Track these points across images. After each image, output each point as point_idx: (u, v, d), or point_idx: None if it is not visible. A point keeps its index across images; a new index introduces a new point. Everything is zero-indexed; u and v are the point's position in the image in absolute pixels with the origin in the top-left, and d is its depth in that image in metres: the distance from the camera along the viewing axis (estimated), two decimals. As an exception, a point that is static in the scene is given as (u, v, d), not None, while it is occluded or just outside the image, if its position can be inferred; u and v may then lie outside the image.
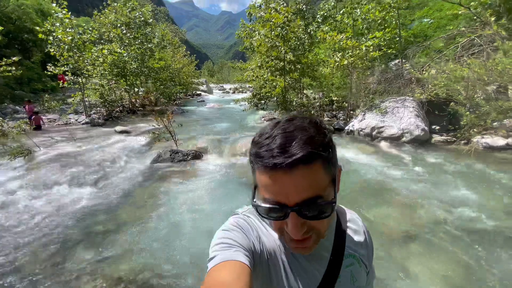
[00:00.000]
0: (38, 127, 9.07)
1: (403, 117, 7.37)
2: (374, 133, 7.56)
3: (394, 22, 10.27)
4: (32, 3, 15.40)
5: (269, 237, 0.64)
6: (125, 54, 12.40)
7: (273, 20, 9.11)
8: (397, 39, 10.24)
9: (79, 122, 10.69)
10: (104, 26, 13.92)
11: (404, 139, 7.06)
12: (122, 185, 4.49)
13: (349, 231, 0.72)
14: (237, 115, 12.53)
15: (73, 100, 11.20)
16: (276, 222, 0.54)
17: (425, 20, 13.98)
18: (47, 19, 10.15)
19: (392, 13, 9.91)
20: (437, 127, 8.07)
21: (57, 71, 10.01)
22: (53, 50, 9.96)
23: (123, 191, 4.29)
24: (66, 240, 3.17)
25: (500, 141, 5.97)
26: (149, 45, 13.88)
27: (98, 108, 12.40)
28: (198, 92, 27.47)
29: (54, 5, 10.42)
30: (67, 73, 10.57)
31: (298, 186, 0.48)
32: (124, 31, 13.08)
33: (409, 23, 14.43)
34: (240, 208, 0.72)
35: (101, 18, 14.80)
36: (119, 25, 13.35)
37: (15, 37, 15.79)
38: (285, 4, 11.14)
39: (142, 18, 13.95)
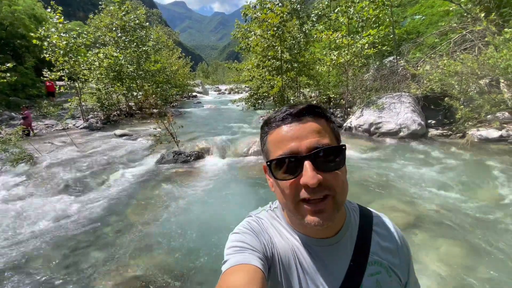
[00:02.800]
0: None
1: (400, 113, 7.52)
2: (372, 129, 7.69)
3: (387, 19, 10.44)
4: (25, 9, 15.26)
5: (283, 239, 0.62)
6: (121, 58, 12.36)
7: (269, 21, 9.19)
8: (391, 36, 10.41)
9: (77, 126, 10.64)
10: (100, 30, 13.87)
11: (401, 134, 7.20)
12: (128, 187, 4.53)
13: (375, 236, 0.65)
14: (235, 115, 12.59)
15: (70, 105, 11.14)
16: (291, 184, 0.52)
17: (417, 17, 14.21)
18: (42, 25, 10.09)
19: (386, 11, 10.08)
20: (433, 122, 8.24)
21: (53, 76, 9.95)
22: (48, 55, 9.90)
23: (129, 193, 4.33)
24: (76, 243, 3.20)
25: (494, 133, 6.14)
26: (144, 48, 13.85)
27: (95, 112, 12.36)
28: (194, 94, 27.46)
29: (48, 10, 10.35)
30: (63, 77, 10.52)
31: (309, 133, 0.52)
32: (120, 35, 13.04)
33: (402, 20, 14.66)
34: (254, 210, 0.72)
35: (96, 22, 14.72)
36: (114, 28, 13.30)
37: (7, 43, 15.62)
38: (280, 4, 11.26)
39: (137, 21, 13.92)
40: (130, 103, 14.08)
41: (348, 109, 10.08)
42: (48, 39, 9.71)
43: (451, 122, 7.94)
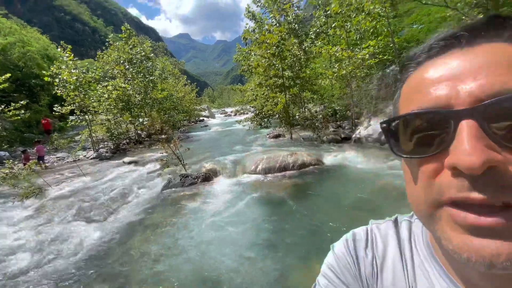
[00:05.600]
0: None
1: (410, 119, 7.29)
2: (382, 138, 7.44)
3: (385, 30, 10.54)
4: (38, 49, 16.32)
5: (412, 276, 0.37)
6: (129, 88, 12.82)
7: (268, 41, 9.42)
8: (391, 45, 10.44)
9: (88, 157, 10.82)
10: (108, 64, 14.60)
11: (414, 140, 6.93)
12: (135, 215, 4.40)
13: None
14: (242, 135, 12.58)
15: (80, 137, 11.44)
16: (426, 167, 0.28)
17: (415, 26, 14.35)
18: (53, 63, 10.71)
19: (383, 22, 10.20)
20: (446, 126, 7.95)
21: (63, 110, 10.33)
22: (59, 91, 10.36)
23: (136, 221, 4.18)
24: (83, 276, 3.03)
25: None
26: (151, 78, 14.40)
27: (106, 142, 12.63)
28: (201, 118, 28.04)
29: (58, 49, 11.00)
30: (75, 111, 10.91)
31: (481, 68, 0.25)
32: (127, 67, 13.66)
33: (400, 30, 14.83)
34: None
35: (104, 58, 15.55)
36: (121, 61, 13.97)
37: (23, 83, 16.59)
38: (278, 25, 11.62)
39: (143, 53, 14.62)
40: (138, 131, 14.40)
41: (356, 120, 9.91)
42: (59, 76, 10.22)
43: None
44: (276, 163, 5.81)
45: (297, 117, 10.00)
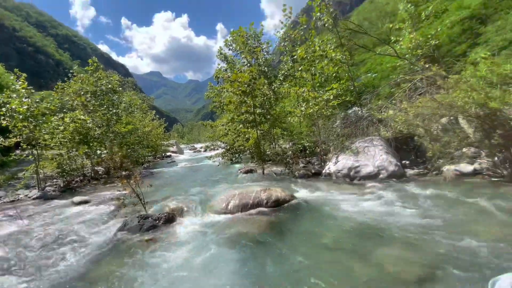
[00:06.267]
0: None
1: (375, 155, 7.62)
2: (351, 173, 7.59)
3: (346, 75, 11.61)
4: (-13, 78, 14.90)
5: None
6: (89, 121, 11.93)
7: (239, 80, 9.68)
8: (352, 88, 11.42)
9: (29, 197, 9.30)
10: (68, 95, 13.66)
11: (381, 176, 7.14)
12: (78, 267, 3.58)
13: None
14: (212, 171, 12.07)
15: (24, 174, 9.95)
16: None
17: (369, 74, 16.18)
18: (3, 92, 9.68)
19: (344, 67, 11.27)
20: (407, 162, 8.43)
21: (7, 143, 9.06)
22: (5, 121, 9.20)
23: (77, 276, 3.38)
24: None
25: (467, 168, 6.29)
26: (115, 111, 13.70)
27: (55, 180, 11.15)
28: (168, 154, 26.89)
29: (12, 77, 10.08)
30: (21, 144, 9.63)
31: None
32: (89, 99, 12.91)
33: (357, 77, 16.56)
34: None
35: (64, 89, 14.61)
36: (82, 93, 13.19)
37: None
38: (249, 65, 12.19)
39: (110, 86, 14.08)
40: (96, 167, 13.11)
41: (324, 156, 10.15)
42: (7, 105, 9.16)
43: (424, 161, 8.16)
44: (249, 200, 5.44)
45: (268, 152, 9.98)
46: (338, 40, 10.52)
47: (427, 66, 8.18)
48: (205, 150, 31.15)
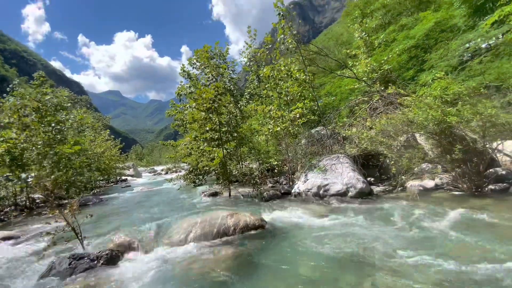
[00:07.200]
0: None
1: (343, 173, 7.54)
2: (321, 192, 7.36)
3: (310, 95, 11.90)
4: None
5: None
6: (22, 140, 10.16)
7: (203, 95, 9.18)
8: (316, 108, 11.67)
9: None
10: (6, 110, 11.60)
11: (350, 193, 7.01)
12: None
13: None
14: (172, 196, 10.94)
15: None
16: None
17: (329, 96, 17.03)
18: None
19: (307, 88, 11.54)
20: (372, 179, 8.53)
21: None
22: None
23: None
24: None
25: (429, 183, 6.47)
26: (59, 128, 11.98)
27: (-27, 212, 9.00)
28: (123, 178, 24.43)
29: None
30: None
31: None
32: (26, 114, 11.12)
33: (319, 99, 17.31)
34: None
35: (1, 105, 12.43)
36: (20, 108, 11.34)
37: None
38: (214, 80, 11.81)
39: (55, 100, 12.40)
40: (33, 195, 11.05)
41: (292, 175, 9.91)
42: None
43: (388, 178, 8.33)
44: (214, 228, 4.73)
45: (235, 173, 9.39)
46: (301, 61, 10.82)
47: (382, 88, 8.67)
48: (166, 173, 29.17)
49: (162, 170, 33.27)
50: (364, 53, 11.22)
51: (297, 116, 10.34)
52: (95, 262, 3.77)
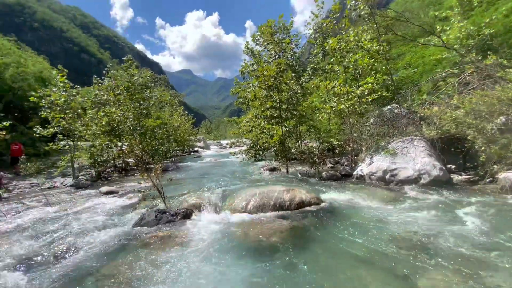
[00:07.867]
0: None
1: (416, 157, 6.76)
2: (387, 176, 6.82)
3: (383, 68, 10.60)
4: (33, 71, 16.19)
5: None
6: (120, 114, 12.40)
7: (265, 73, 9.26)
8: (390, 83, 10.40)
9: (64, 185, 9.86)
10: (102, 90, 14.37)
11: (422, 181, 6.30)
12: (89, 259, 3.49)
13: None
14: (235, 167, 11.87)
15: (60, 163, 10.60)
16: None
17: (409, 68, 14.75)
18: (47, 86, 10.38)
19: (380, 60, 10.28)
20: (454, 166, 7.40)
21: (45, 133, 9.68)
22: (45, 113, 9.83)
23: (91, 266, 3.28)
24: None
25: (534, 176, 5.24)
26: (145, 105, 14.11)
27: (88, 170, 11.78)
28: (195, 149, 27.46)
29: (54, 72, 10.76)
30: (58, 135, 10.24)
31: None
32: (119, 93, 13.43)
33: (394, 72, 15.21)
34: None
35: (100, 85, 15.42)
36: (113, 87, 13.76)
37: (16, 105, 16.11)
38: (277, 57, 11.70)
39: (141, 80, 14.53)
40: (127, 159, 13.64)
41: (355, 157, 9.37)
42: (47, 97, 9.77)
43: (474, 166, 7.09)
44: (271, 200, 5.05)
45: (293, 150, 9.46)
46: (375, 30, 9.60)
47: (479, 58, 7.04)
48: (231, 147, 31.32)
49: (227, 144, 35.84)
50: (458, 14, 9.13)
51: (366, 92, 9.45)
52: (174, 216, 4.60)
